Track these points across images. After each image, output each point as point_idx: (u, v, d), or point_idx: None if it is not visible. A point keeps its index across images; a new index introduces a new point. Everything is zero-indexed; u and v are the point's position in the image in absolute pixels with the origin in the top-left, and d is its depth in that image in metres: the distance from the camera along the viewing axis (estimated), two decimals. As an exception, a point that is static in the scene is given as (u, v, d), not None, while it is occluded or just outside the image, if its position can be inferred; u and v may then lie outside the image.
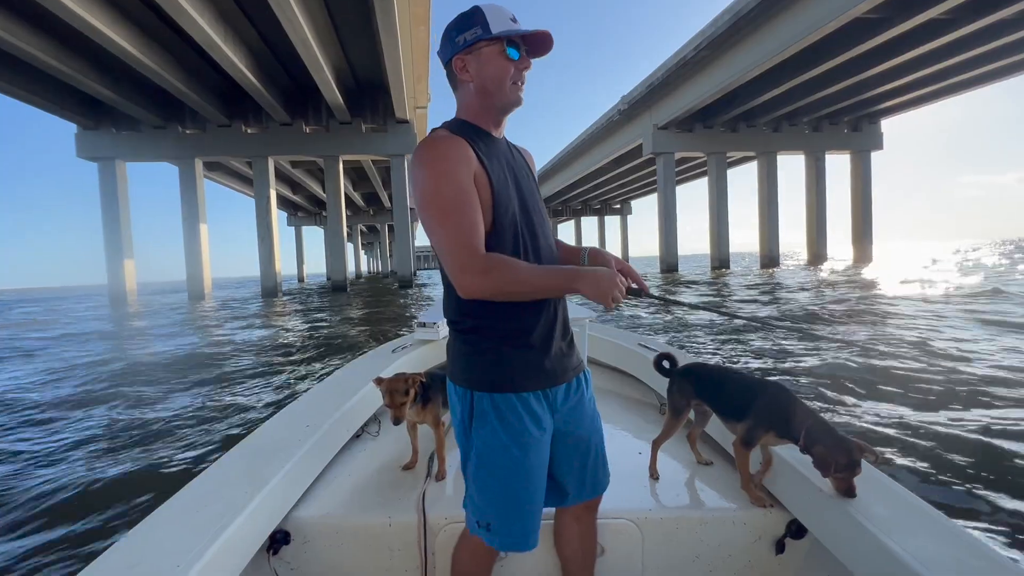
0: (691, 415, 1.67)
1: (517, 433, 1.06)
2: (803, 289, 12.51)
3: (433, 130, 1.09)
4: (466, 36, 1.05)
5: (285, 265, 28.15)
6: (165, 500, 1.14)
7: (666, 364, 1.68)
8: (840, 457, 1.18)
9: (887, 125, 29.99)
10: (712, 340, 6.90)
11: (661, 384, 2.22)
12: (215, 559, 0.98)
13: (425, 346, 2.54)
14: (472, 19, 1.05)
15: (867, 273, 20.88)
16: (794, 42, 17.89)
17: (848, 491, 1.19)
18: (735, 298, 12.37)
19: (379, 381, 1.57)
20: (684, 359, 1.81)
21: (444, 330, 2.56)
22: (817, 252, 30.36)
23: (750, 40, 19.77)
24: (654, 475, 1.62)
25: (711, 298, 14.06)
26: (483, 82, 1.07)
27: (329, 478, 1.60)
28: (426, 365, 2.44)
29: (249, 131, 23.15)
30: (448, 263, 1.01)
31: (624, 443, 1.92)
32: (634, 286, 1.11)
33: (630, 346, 2.59)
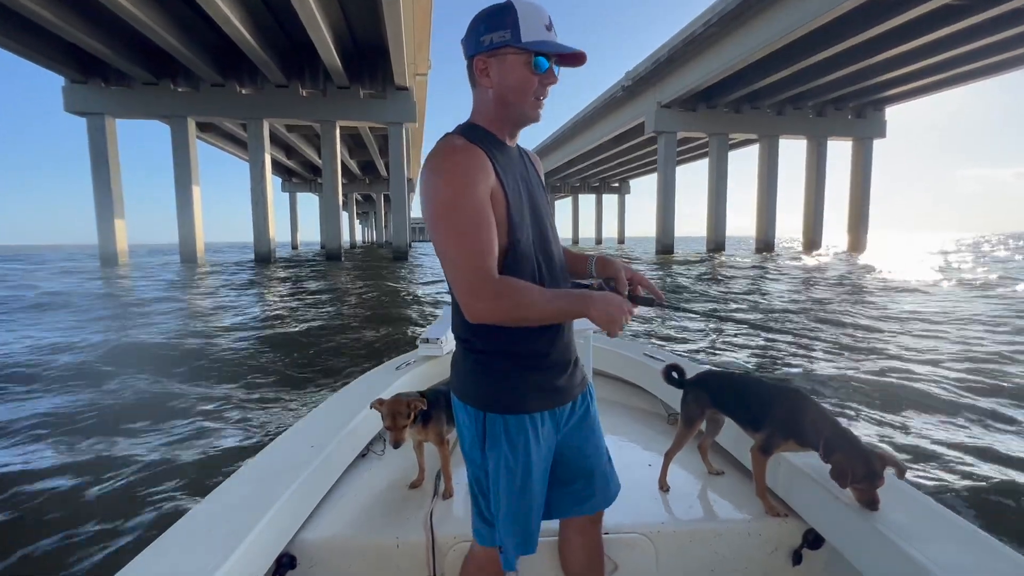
0: (702, 426, 1.64)
1: (527, 454, 1.06)
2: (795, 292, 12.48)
3: (447, 135, 1.02)
4: (493, 37, 0.96)
5: (279, 231, 27.87)
6: (169, 526, 1.13)
7: (675, 375, 1.65)
8: (859, 467, 1.16)
9: (891, 113, 29.74)
10: (716, 344, 6.89)
11: (668, 394, 2.20)
12: None
13: (429, 362, 2.51)
14: (503, 18, 0.96)
15: (860, 262, 20.98)
16: (807, 21, 17.49)
17: (870, 503, 1.15)
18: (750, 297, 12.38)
19: (380, 403, 1.56)
20: (692, 368, 1.78)
21: (447, 346, 2.52)
22: (813, 239, 30.45)
23: (761, 18, 19.30)
24: (664, 487, 1.59)
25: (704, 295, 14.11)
26: (503, 91, 1.00)
27: (335, 499, 1.58)
28: (430, 382, 2.41)
29: (244, 92, 22.53)
30: (458, 286, 0.97)
31: (633, 455, 1.89)
32: (645, 295, 1.08)
33: (636, 356, 2.55)
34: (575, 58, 1.02)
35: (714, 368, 1.75)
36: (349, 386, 2.23)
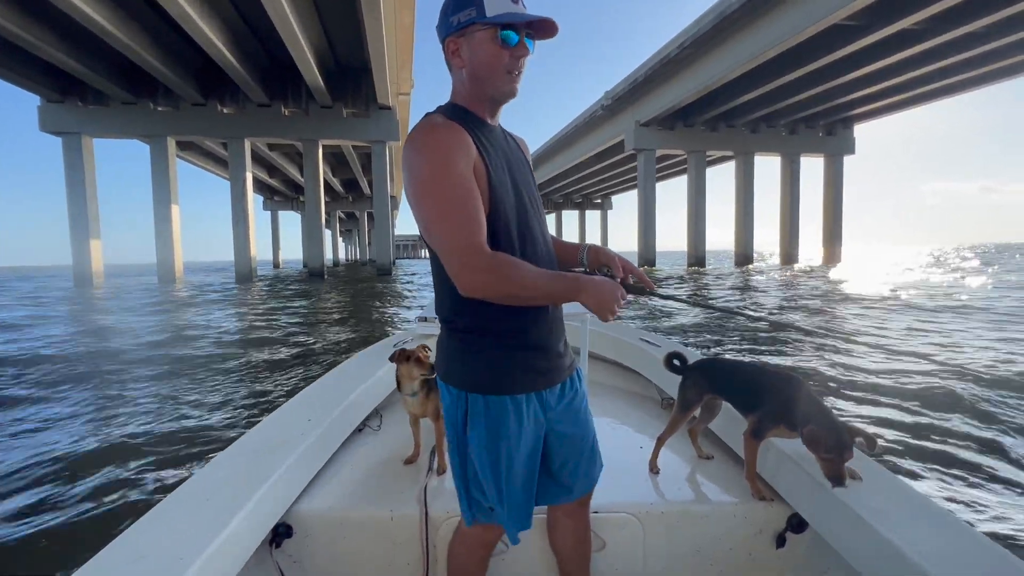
0: (696, 411, 1.67)
1: (507, 436, 1.04)
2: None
3: (428, 115, 1.03)
4: (460, 17, 0.97)
5: (260, 250, 27.54)
6: (168, 493, 1.15)
7: (677, 363, 1.67)
8: (829, 437, 1.17)
9: (860, 130, 30.97)
10: (715, 337, 7.00)
11: (662, 379, 2.24)
12: (218, 552, 0.99)
13: (426, 341, 2.55)
14: None
15: (833, 277, 21.51)
16: (775, 44, 18.25)
17: (836, 477, 1.15)
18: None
19: (401, 353, 1.63)
20: (693, 356, 1.81)
21: None
22: (789, 252, 31.23)
23: (732, 41, 20.06)
24: (654, 469, 1.61)
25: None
26: (475, 69, 1.00)
27: (331, 472, 1.60)
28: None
29: (225, 111, 22.46)
30: (449, 261, 0.95)
31: (626, 438, 1.93)
32: (636, 283, 1.09)
33: (631, 341, 2.58)
34: (546, 30, 1.01)
35: (715, 356, 1.76)
36: (346, 362, 2.26)
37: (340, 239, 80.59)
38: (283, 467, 1.30)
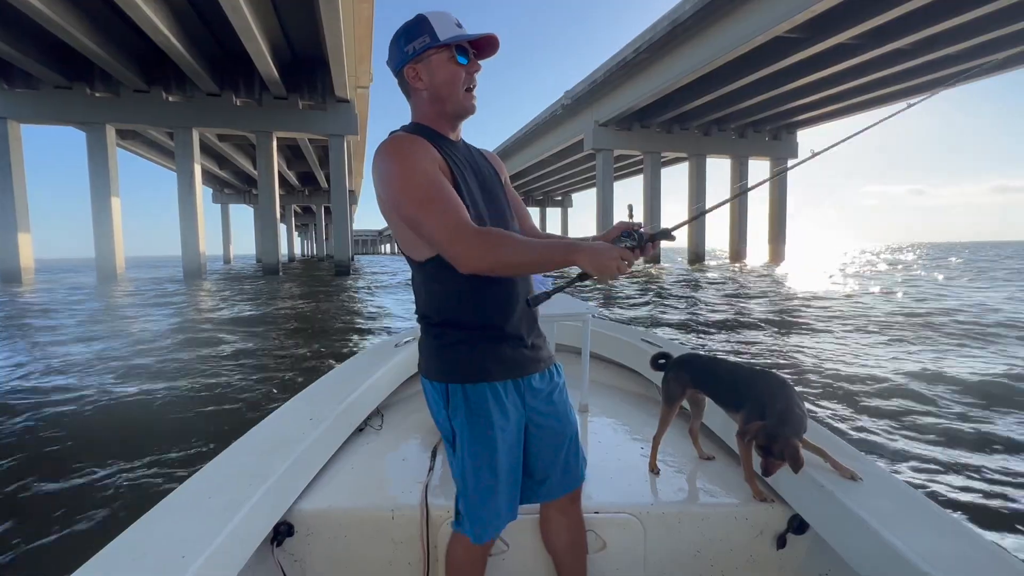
0: (688, 407, 1.69)
1: (489, 424, 1.07)
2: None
3: (392, 133, 1.10)
4: (415, 45, 1.06)
5: (210, 245, 26.41)
6: (170, 492, 1.16)
7: (662, 360, 1.69)
8: (759, 435, 1.24)
9: (805, 136, 32.88)
10: (720, 341, 7.17)
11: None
12: (219, 551, 0.99)
13: None
14: (419, 28, 1.06)
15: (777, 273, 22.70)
16: (723, 53, 19.16)
17: (763, 469, 1.24)
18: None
19: None
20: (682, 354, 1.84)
21: None
22: (738, 250, 32.83)
23: (685, 47, 20.89)
24: (654, 469, 1.61)
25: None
26: (436, 89, 1.08)
27: (332, 471, 1.61)
28: None
29: (171, 99, 21.37)
30: (442, 242, 0.98)
31: (626, 438, 1.94)
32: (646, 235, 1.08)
33: (632, 341, 2.59)
34: (490, 46, 1.12)
35: (697, 351, 1.83)
36: (348, 362, 2.28)
37: (296, 234, 78.01)
38: (284, 466, 1.31)
